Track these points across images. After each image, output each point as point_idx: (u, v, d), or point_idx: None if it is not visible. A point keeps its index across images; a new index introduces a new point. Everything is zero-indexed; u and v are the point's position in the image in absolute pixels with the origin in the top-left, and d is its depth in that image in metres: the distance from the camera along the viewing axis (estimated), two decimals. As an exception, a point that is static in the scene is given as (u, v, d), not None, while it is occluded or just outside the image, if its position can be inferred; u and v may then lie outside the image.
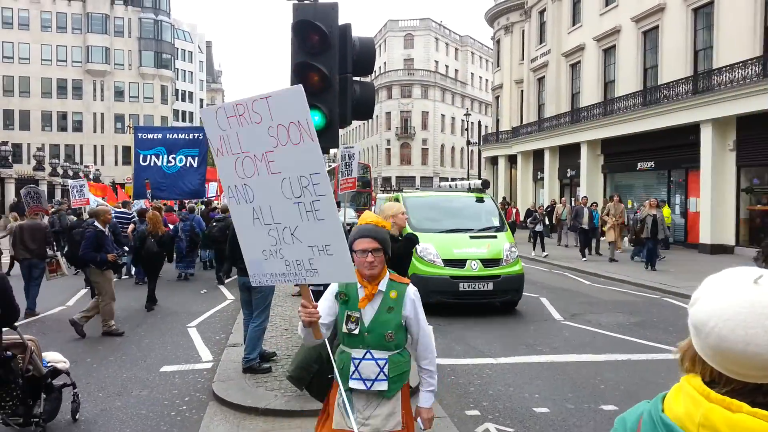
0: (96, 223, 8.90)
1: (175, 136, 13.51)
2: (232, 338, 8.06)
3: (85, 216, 14.99)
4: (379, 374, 2.95)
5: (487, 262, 9.97)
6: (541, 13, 32.90)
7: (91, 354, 7.66)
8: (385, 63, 67.94)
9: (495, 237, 10.68)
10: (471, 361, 7.33)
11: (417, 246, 8.22)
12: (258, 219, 2.68)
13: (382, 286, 3.02)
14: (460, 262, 9.89)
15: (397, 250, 5.49)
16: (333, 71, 5.21)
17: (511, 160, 37.05)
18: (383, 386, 2.95)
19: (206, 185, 15.58)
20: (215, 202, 18.11)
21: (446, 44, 72.08)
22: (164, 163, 13.09)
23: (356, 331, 2.96)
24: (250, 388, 6.04)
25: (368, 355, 2.95)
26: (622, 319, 9.77)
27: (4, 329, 4.65)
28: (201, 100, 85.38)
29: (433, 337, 3.17)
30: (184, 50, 79.34)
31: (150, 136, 13.47)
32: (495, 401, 5.93)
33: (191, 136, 13.56)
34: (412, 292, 3.07)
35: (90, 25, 63.60)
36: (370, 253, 2.94)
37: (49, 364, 5.15)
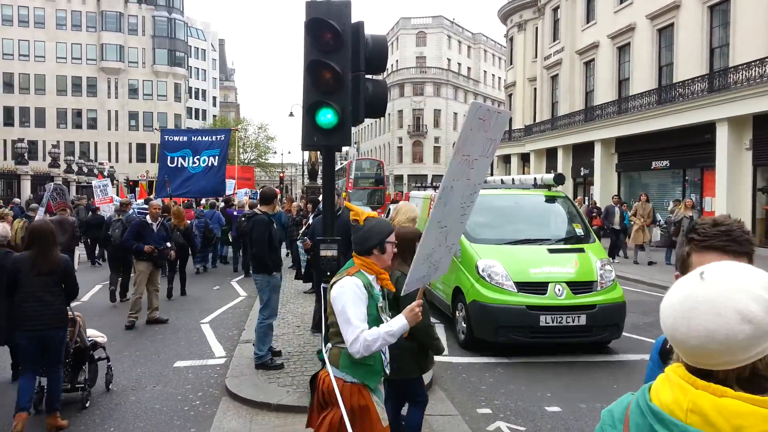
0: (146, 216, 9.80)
1: (199, 138, 14.24)
2: (244, 335, 8.12)
3: (105, 213, 15.30)
4: (386, 357, 3.15)
5: (576, 286, 7.40)
6: (555, 10, 32.70)
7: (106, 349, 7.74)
8: (397, 61, 67.88)
9: (581, 250, 8.04)
10: (483, 359, 7.32)
11: (478, 263, 7.62)
12: (441, 221, 2.85)
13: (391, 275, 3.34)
14: (540, 287, 7.33)
15: None
16: (346, 69, 5.21)
17: (524, 158, 36.89)
18: (389, 369, 3.17)
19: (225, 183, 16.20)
20: (233, 198, 18.55)
21: (459, 42, 71.86)
22: (190, 164, 13.73)
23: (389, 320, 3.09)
24: (262, 383, 6.08)
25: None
26: (636, 319, 9.70)
27: None
28: (214, 98, 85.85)
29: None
30: (197, 48, 79.75)
31: (176, 138, 14.13)
32: (507, 400, 5.93)
33: (213, 138, 14.30)
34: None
35: (104, 23, 64.12)
36: (392, 245, 3.21)
37: (90, 339, 5.93)
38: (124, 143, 65.28)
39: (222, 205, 17.21)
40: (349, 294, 2.93)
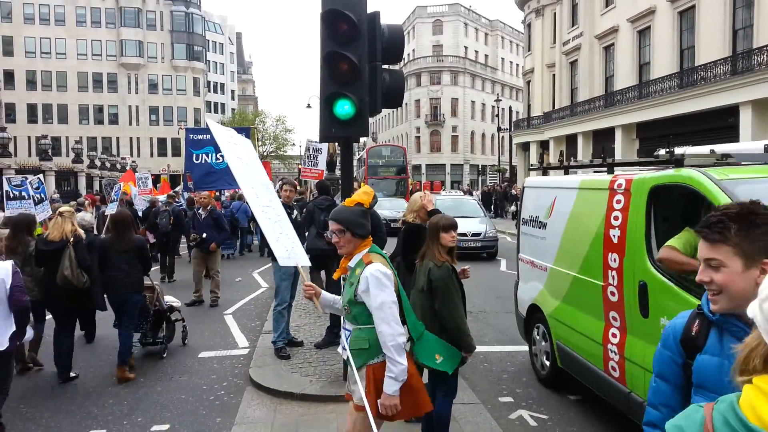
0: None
1: None
2: (266, 325, 8.21)
3: (139, 206, 15.85)
4: (345, 345, 3.23)
5: None
6: (573, -5, 32.25)
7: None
8: (413, 50, 67.47)
9: None
10: (503, 348, 7.33)
11: None
12: (265, 212, 3.65)
13: (353, 263, 3.21)
14: None
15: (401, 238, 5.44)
16: (362, 60, 5.21)
17: (543, 145, 36.54)
18: (347, 354, 3.20)
19: None
20: None
21: (476, 29, 71.18)
22: (213, 160, 14.34)
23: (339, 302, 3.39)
24: (285, 373, 6.16)
25: (344, 325, 3.29)
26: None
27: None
28: (232, 92, 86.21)
29: (388, 323, 2.99)
30: (215, 42, 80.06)
31: (200, 136, 14.77)
32: (528, 388, 5.93)
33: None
34: (370, 270, 3.07)
35: (123, 19, 64.65)
36: (335, 234, 3.20)
37: (167, 303, 7.36)
38: (145, 138, 65.96)
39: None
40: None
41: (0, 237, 4.82)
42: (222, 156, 15.71)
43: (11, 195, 9.65)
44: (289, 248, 3.66)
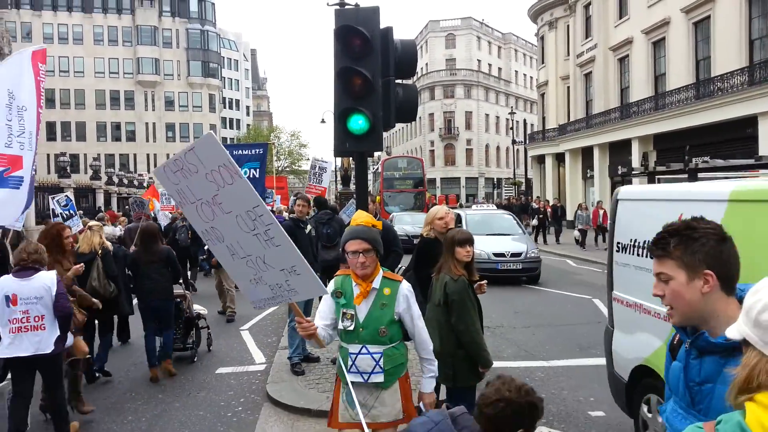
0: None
1: (240, 152, 15.33)
2: (283, 341, 8.18)
3: (162, 221, 16.15)
4: (375, 367, 3.12)
5: None
6: (586, 7, 32.22)
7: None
8: (427, 64, 67.76)
9: None
10: (522, 363, 7.24)
11: None
12: (234, 254, 2.87)
13: (376, 283, 3.17)
14: None
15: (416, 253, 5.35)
16: (376, 75, 5.24)
17: (559, 158, 36.38)
18: (380, 378, 3.13)
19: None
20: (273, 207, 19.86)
21: (489, 42, 71.40)
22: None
23: (351, 328, 3.14)
24: (302, 389, 6.13)
25: (364, 350, 3.13)
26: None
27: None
28: (247, 108, 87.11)
29: (425, 329, 3.35)
30: (230, 59, 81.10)
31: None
32: (548, 404, 5.84)
33: (253, 152, 15.12)
34: (405, 288, 3.22)
35: (140, 38, 65.78)
36: (361, 254, 3.09)
37: (196, 311, 7.88)
38: (161, 154, 66.70)
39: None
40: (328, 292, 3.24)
41: (40, 249, 5.05)
42: (241, 171, 16.33)
43: (57, 213, 10.96)
44: (276, 285, 2.91)
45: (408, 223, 20.48)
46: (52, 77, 63.67)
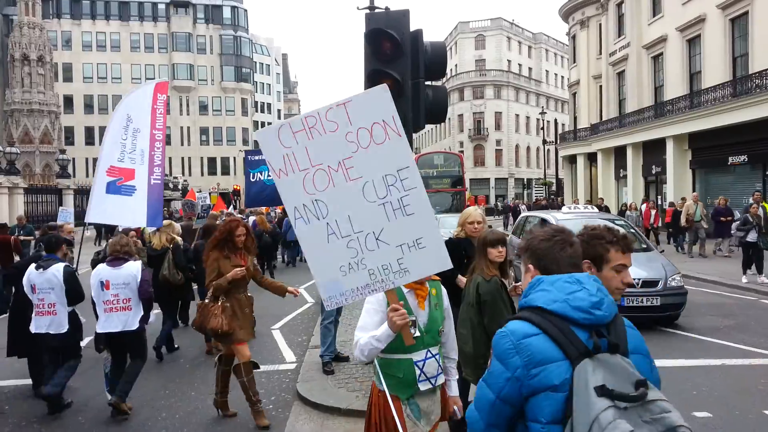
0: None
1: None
2: (313, 340, 8.28)
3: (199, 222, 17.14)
4: (438, 369, 3.04)
5: None
6: (619, 5, 31.74)
7: (183, 355, 8.10)
8: (456, 65, 67.56)
9: None
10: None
11: None
12: (333, 234, 2.62)
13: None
14: None
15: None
16: (406, 77, 5.29)
17: (591, 158, 35.89)
18: (442, 379, 3.09)
19: None
20: None
21: (519, 43, 70.82)
22: (266, 177, 15.27)
23: (417, 334, 2.94)
24: (332, 388, 6.20)
25: (428, 354, 3.00)
26: (716, 322, 9.27)
27: None
28: (279, 111, 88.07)
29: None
30: (262, 63, 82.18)
31: (256, 157, 15.95)
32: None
33: None
34: (442, 285, 3.22)
35: (175, 44, 67.17)
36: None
37: None
38: (196, 158, 67.96)
39: None
40: (367, 304, 3.01)
41: (130, 242, 6.20)
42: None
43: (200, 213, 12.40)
44: (373, 270, 2.65)
45: (453, 227, 18.41)
46: (91, 83, 65.54)
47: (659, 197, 26.82)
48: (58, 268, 5.88)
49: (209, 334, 5.80)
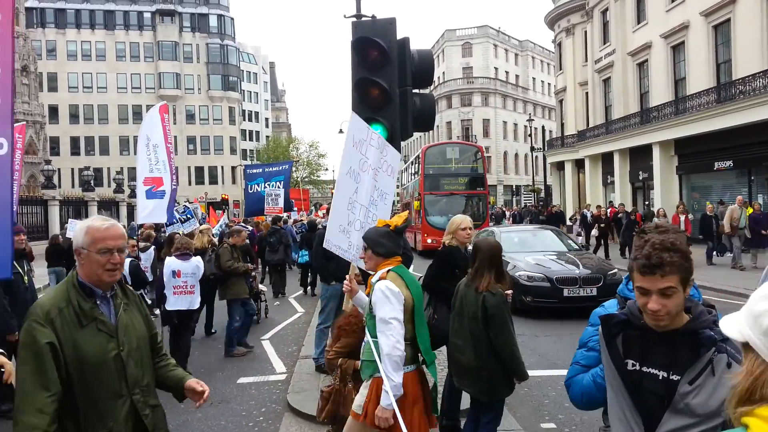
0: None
1: (270, 169, 16.86)
2: (303, 350, 8.23)
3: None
4: (364, 353, 3.48)
5: None
6: (604, 12, 32.07)
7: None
8: (443, 73, 67.84)
9: None
10: (544, 372, 7.17)
11: None
12: (351, 201, 4.02)
13: (374, 278, 3.41)
14: None
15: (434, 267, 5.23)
16: (393, 85, 5.28)
17: (579, 164, 36.11)
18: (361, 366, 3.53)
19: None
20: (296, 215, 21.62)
21: (505, 50, 71.27)
22: (262, 189, 16.46)
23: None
24: (322, 399, 6.14)
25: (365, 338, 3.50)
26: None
27: None
28: (266, 119, 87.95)
29: (387, 336, 3.16)
30: (250, 72, 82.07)
31: (254, 171, 17.08)
32: (571, 414, 5.78)
33: (279, 168, 17.13)
34: (379, 285, 3.30)
35: (161, 53, 66.87)
36: (362, 250, 3.61)
37: (260, 288, 10.99)
38: (183, 167, 67.46)
39: (291, 220, 19.95)
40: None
41: (191, 242, 7.97)
42: (269, 184, 17.40)
43: (177, 219, 14.13)
44: (351, 244, 3.98)
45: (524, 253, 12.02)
46: (76, 93, 65.07)
47: (646, 203, 27.03)
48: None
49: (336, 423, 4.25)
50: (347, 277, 3.77)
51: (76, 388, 2.23)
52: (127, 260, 7.43)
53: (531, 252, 11.83)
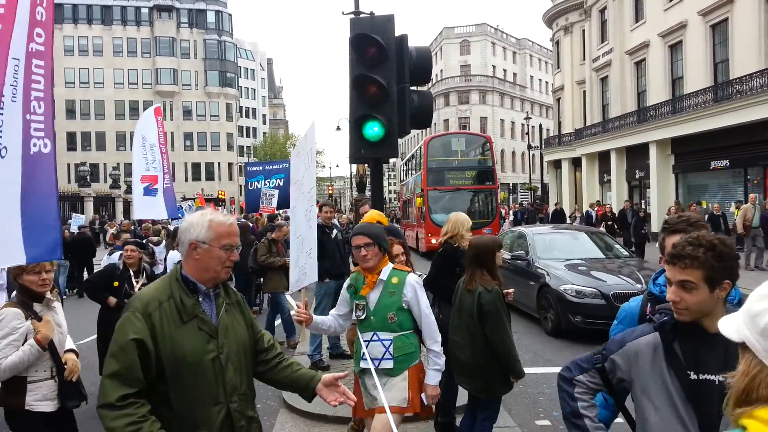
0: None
1: (270, 167, 17.10)
2: (299, 347, 8.22)
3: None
4: (384, 354, 3.33)
5: None
6: (602, 11, 32.09)
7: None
8: (441, 70, 67.83)
9: None
10: (538, 369, 7.19)
11: None
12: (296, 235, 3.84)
13: (383, 275, 3.40)
14: None
15: (438, 265, 5.21)
16: (391, 82, 5.27)
17: (575, 163, 36.17)
18: (389, 365, 3.33)
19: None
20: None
21: (503, 48, 71.28)
22: (262, 186, 16.58)
23: (363, 317, 3.39)
24: (318, 396, 6.14)
25: (375, 337, 3.36)
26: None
27: None
28: (263, 116, 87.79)
29: (434, 321, 3.50)
30: (247, 68, 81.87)
31: (255, 168, 17.27)
32: (565, 410, 5.79)
33: (280, 166, 17.31)
34: (413, 278, 3.43)
35: (158, 49, 66.65)
36: (362, 248, 3.36)
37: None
38: (179, 163, 67.37)
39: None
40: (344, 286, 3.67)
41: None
42: (269, 182, 17.64)
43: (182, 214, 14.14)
44: (302, 268, 3.79)
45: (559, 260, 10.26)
46: (73, 88, 64.84)
47: (643, 201, 27.09)
48: None
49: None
50: (297, 305, 3.47)
51: (170, 389, 2.09)
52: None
53: (573, 260, 9.90)
